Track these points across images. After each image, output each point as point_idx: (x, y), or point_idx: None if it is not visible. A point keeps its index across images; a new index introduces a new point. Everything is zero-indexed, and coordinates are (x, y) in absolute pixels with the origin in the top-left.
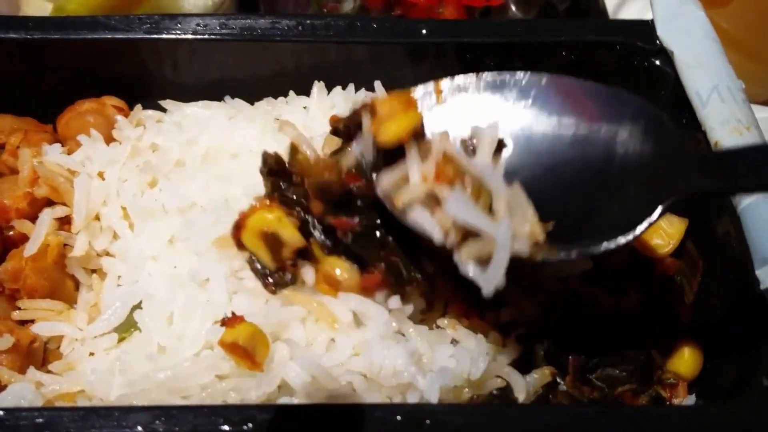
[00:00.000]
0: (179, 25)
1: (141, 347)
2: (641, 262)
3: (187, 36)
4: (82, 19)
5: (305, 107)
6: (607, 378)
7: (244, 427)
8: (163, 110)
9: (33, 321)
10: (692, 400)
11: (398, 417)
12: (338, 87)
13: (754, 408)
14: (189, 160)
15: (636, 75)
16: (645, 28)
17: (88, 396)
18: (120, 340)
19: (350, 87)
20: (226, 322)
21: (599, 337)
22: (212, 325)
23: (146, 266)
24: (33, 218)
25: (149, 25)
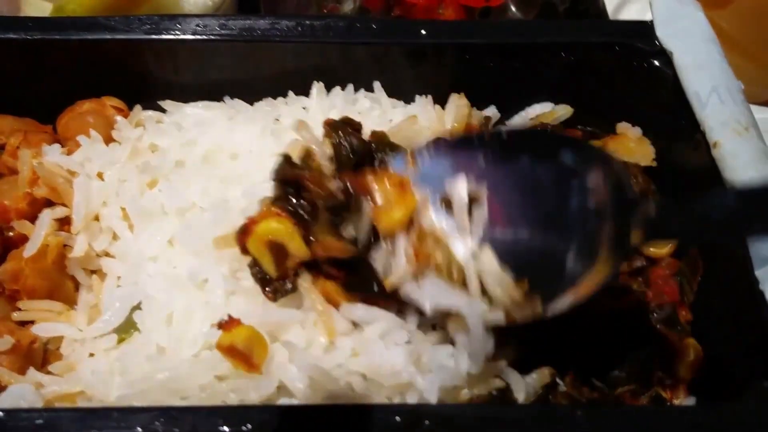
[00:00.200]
0: (179, 26)
1: (140, 348)
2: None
3: (187, 36)
4: (82, 20)
5: (305, 108)
6: (607, 379)
7: (243, 428)
8: (163, 111)
9: (33, 322)
10: (692, 401)
11: (397, 417)
12: (338, 87)
13: (754, 409)
14: (188, 161)
15: (635, 76)
16: (644, 30)
17: (88, 397)
18: (120, 341)
19: (350, 87)
20: (223, 325)
21: (599, 338)
22: (210, 328)
23: (146, 267)
24: (33, 219)
25: (149, 26)
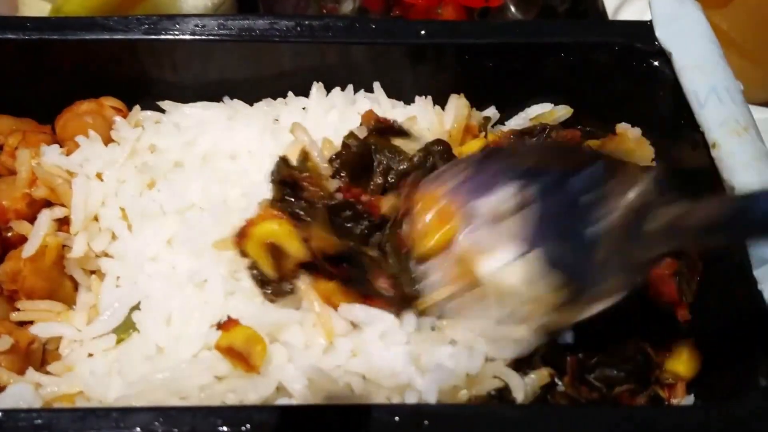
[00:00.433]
0: (178, 26)
1: (139, 348)
2: None
3: (186, 37)
4: (81, 20)
5: (304, 108)
6: (606, 378)
7: (243, 428)
8: (162, 111)
9: (32, 322)
10: (691, 401)
11: (396, 417)
12: (337, 88)
13: (753, 408)
14: (187, 161)
15: (634, 76)
16: (644, 30)
17: (87, 397)
18: (119, 341)
19: (349, 88)
20: (222, 326)
21: (598, 337)
22: (209, 329)
23: (144, 267)
24: (32, 219)
25: (148, 26)
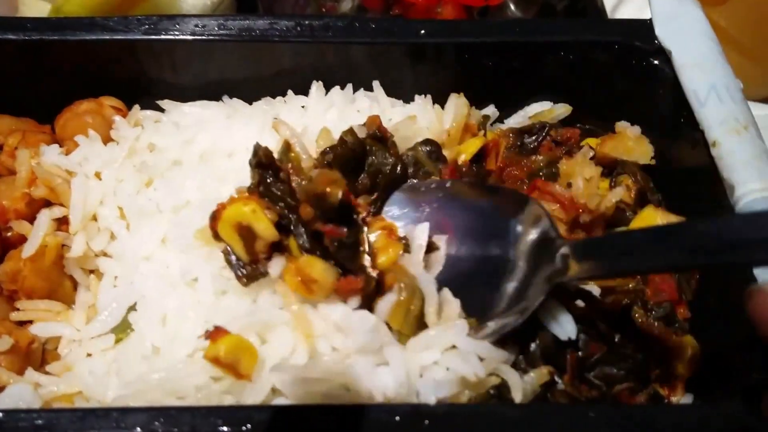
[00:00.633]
0: (177, 26)
1: (136, 348)
2: None
3: (186, 37)
4: (80, 20)
5: (303, 107)
6: (606, 376)
7: (243, 428)
8: (161, 111)
9: (32, 322)
10: (690, 399)
11: (397, 417)
12: (337, 87)
13: (752, 406)
14: (186, 160)
15: (634, 75)
16: (643, 28)
17: (86, 397)
18: (117, 341)
19: (348, 87)
20: (209, 336)
21: (598, 336)
22: (203, 329)
23: (140, 267)
24: (31, 219)
25: (147, 26)
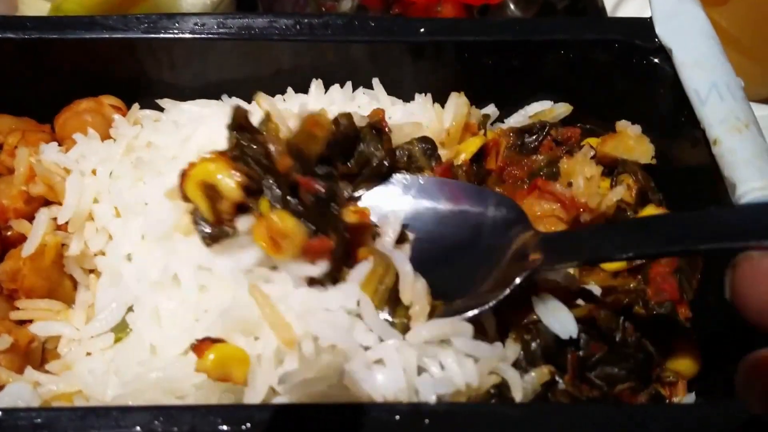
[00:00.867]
0: (177, 25)
1: (134, 347)
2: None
3: (185, 35)
4: (80, 19)
5: (303, 104)
6: (607, 376)
7: (242, 427)
8: (161, 110)
9: (31, 321)
10: (692, 399)
11: (397, 416)
12: (336, 85)
13: None
14: (182, 156)
15: (634, 73)
16: (643, 27)
17: (85, 396)
18: (116, 340)
19: (348, 85)
20: (195, 349)
21: (599, 336)
22: (192, 325)
23: (134, 264)
24: (31, 218)
25: (147, 25)
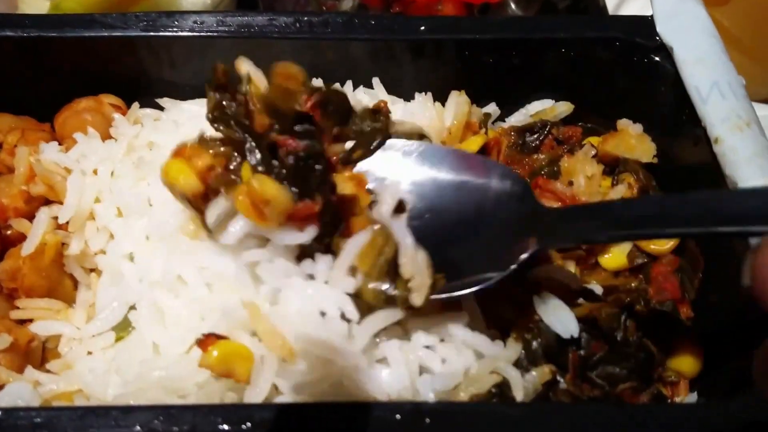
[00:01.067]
0: (176, 23)
1: (136, 346)
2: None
3: (185, 33)
4: (79, 17)
5: None
6: (608, 376)
7: (243, 427)
8: (161, 108)
9: (31, 320)
10: (694, 398)
11: (398, 415)
12: (336, 84)
13: (756, 405)
14: None
15: (636, 71)
16: (645, 25)
17: (86, 395)
18: (118, 339)
19: (348, 84)
20: (200, 344)
21: (601, 335)
22: (198, 324)
23: (136, 264)
24: (31, 217)
25: (146, 23)
